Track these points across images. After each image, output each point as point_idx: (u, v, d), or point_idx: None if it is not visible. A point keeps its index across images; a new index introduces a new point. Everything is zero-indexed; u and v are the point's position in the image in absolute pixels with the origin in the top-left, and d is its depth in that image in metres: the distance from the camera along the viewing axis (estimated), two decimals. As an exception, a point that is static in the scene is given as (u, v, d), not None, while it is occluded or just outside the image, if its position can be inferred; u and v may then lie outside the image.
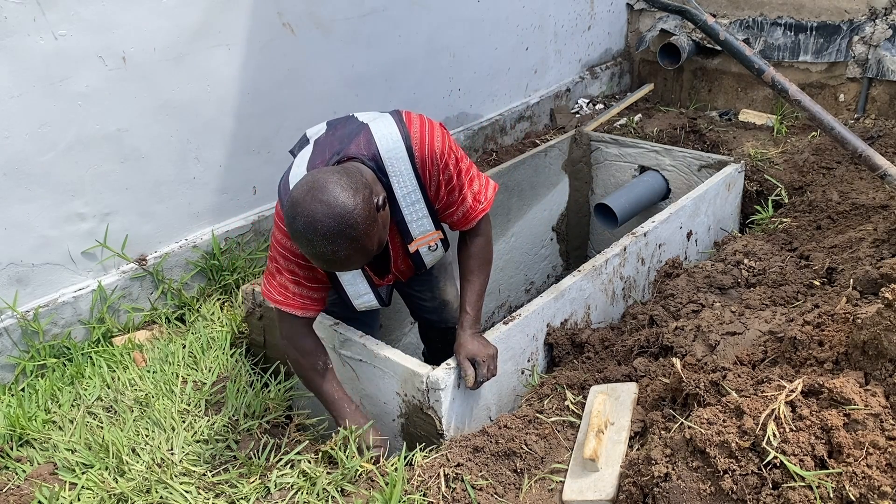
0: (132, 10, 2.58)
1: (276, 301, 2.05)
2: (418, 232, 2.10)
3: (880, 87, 4.20)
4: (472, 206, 2.14)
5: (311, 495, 1.92)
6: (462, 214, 2.13)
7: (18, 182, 2.46)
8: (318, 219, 1.69)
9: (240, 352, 2.63)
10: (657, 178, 3.75)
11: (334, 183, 1.73)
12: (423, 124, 2.01)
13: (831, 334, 1.84)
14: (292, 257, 2.00)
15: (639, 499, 1.65)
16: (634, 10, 5.03)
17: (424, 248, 2.16)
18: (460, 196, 2.10)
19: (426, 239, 2.14)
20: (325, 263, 1.80)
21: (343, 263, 1.79)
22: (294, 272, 2.02)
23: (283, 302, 2.05)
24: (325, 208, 1.69)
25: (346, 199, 1.71)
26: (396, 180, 1.97)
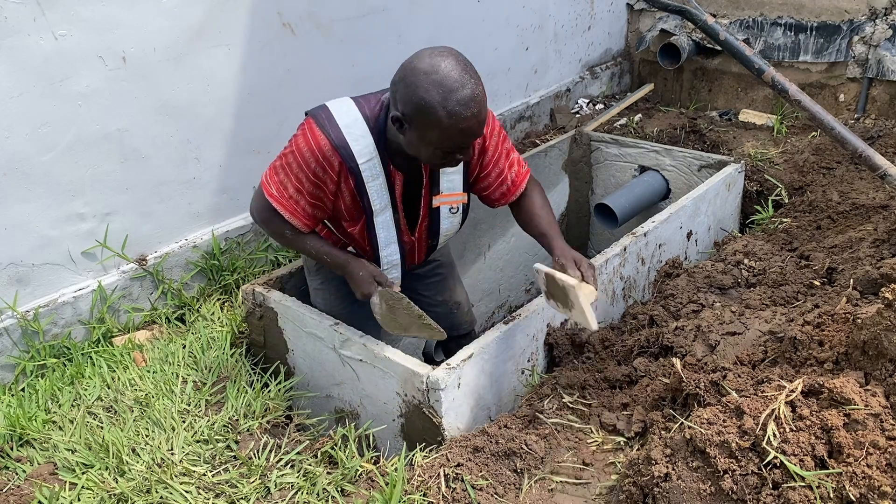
0: (132, 10, 2.58)
1: (271, 195, 2.07)
2: (446, 188, 2.17)
3: (880, 87, 4.20)
4: (519, 170, 2.31)
5: (311, 495, 1.92)
6: (514, 175, 2.28)
7: (18, 182, 2.46)
8: (455, 62, 1.83)
9: (240, 352, 2.63)
10: (657, 178, 3.75)
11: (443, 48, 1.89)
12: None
13: (831, 334, 1.84)
14: (307, 170, 2.01)
15: (639, 499, 1.65)
16: (634, 10, 5.03)
17: (446, 208, 2.22)
18: (508, 161, 2.26)
19: (451, 198, 2.20)
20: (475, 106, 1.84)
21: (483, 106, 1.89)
22: (301, 182, 2.04)
23: (277, 199, 2.07)
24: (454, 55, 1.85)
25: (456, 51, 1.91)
26: None
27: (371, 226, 2.16)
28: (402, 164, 2.11)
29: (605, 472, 1.90)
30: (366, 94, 2.13)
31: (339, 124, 2.02)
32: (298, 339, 2.51)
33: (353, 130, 2.02)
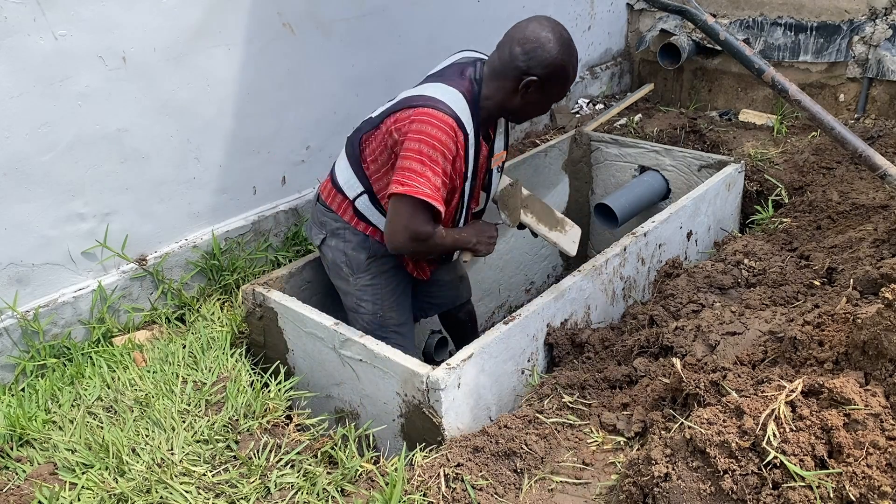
0: (132, 10, 2.58)
1: (428, 196, 2.17)
2: (496, 148, 2.44)
3: (880, 87, 4.20)
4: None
5: (311, 495, 1.92)
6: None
7: (18, 182, 2.46)
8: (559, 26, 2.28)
9: (240, 352, 2.63)
10: (657, 178, 3.75)
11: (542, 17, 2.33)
12: None
13: (831, 334, 1.84)
14: (448, 153, 2.18)
15: (639, 499, 1.65)
16: (634, 10, 5.03)
17: (495, 168, 2.50)
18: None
19: (499, 157, 2.50)
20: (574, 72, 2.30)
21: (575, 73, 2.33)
22: (445, 170, 2.20)
23: (432, 196, 2.18)
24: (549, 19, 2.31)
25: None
26: None
27: (462, 192, 2.38)
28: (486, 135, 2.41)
29: (605, 472, 1.90)
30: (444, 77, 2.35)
31: (447, 102, 2.20)
32: (298, 339, 2.51)
33: (458, 104, 2.22)
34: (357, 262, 2.50)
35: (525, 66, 2.20)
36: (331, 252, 2.53)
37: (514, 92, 2.25)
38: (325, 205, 2.52)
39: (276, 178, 3.23)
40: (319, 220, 2.55)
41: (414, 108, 2.20)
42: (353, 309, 2.57)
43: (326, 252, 2.56)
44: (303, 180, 3.32)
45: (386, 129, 2.27)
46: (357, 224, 2.46)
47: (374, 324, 2.52)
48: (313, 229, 2.60)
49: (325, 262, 2.60)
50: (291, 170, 3.27)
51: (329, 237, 2.52)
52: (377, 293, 2.52)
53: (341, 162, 2.49)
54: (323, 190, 2.55)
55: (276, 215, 3.23)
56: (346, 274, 2.53)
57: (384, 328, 2.52)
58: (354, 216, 2.46)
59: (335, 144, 3.41)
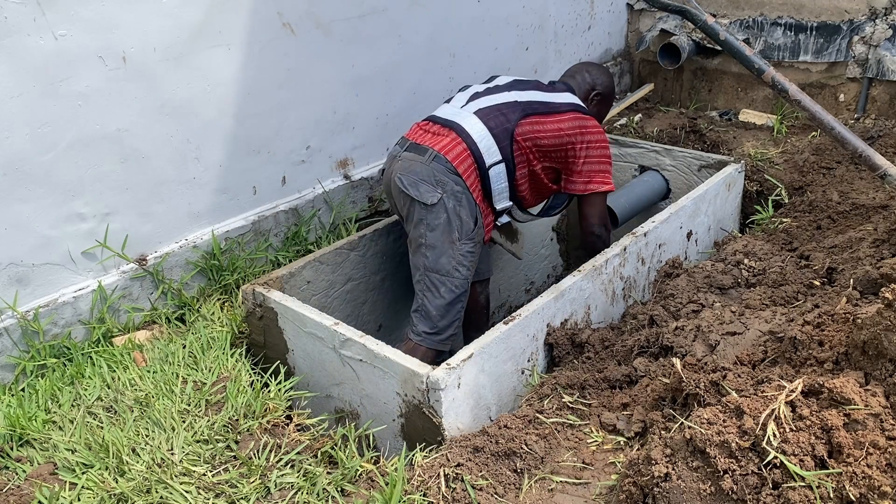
0: (132, 10, 2.58)
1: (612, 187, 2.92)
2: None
3: (880, 87, 4.20)
4: None
5: (311, 495, 1.92)
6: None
7: (18, 182, 2.46)
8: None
9: (240, 352, 2.63)
10: (657, 178, 3.75)
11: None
12: None
13: (831, 334, 1.84)
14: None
15: (639, 499, 1.65)
16: (634, 10, 5.03)
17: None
18: None
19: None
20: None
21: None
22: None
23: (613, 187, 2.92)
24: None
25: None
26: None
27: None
28: None
29: (605, 472, 1.90)
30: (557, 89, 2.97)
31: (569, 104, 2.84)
32: (298, 339, 2.51)
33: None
34: (467, 228, 2.64)
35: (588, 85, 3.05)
36: (445, 212, 2.61)
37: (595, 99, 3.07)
38: (450, 167, 2.64)
39: (276, 178, 3.23)
40: (438, 179, 2.62)
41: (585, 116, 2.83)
42: (447, 272, 2.63)
43: (438, 211, 2.61)
44: (303, 180, 3.32)
45: (559, 130, 2.76)
46: (475, 191, 2.68)
47: (462, 287, 2.65)
48: (423, 186, 2.62)
49: (431, 221, 2.63)
50: (291, 170, 3.27)
51: (447, 197, 2.61)
52: (473, 261, 2.68)
53: (477, 127, 2.69)
54: (449, 151, 2.66)
55: (276, 215, 3.23)
56: (455, 238, 2.63)
57: (466, 293, 2.70)
58: (477, 182, 2.70)
59: (335, 144, 3.41)
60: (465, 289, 2.66)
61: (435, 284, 2.62)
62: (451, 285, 2.63)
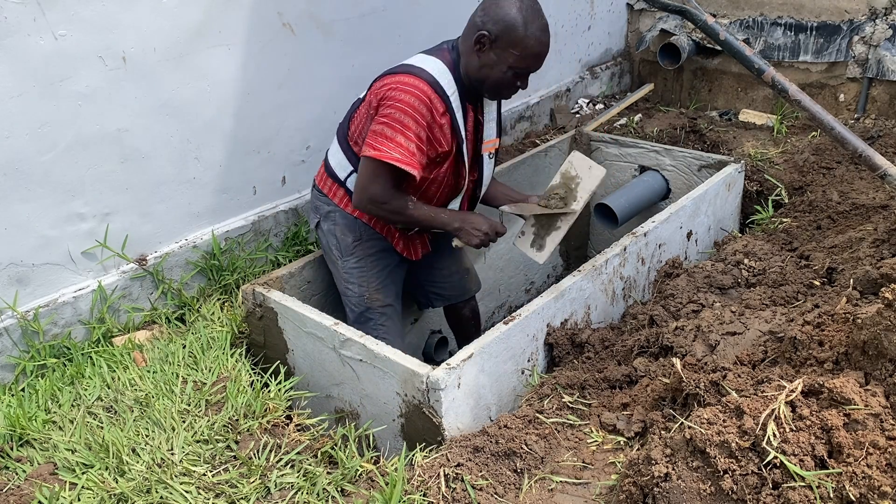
0: (132, 10, 2.58)
1: (397, 160, 2.22)
2: (487, 135, 2.45)
3: (880, 87, 4.20)
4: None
5: (311, 495, 1.92)
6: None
7: (18, 182, 2.46)
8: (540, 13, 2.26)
9: (240, 352, 2.63)
10: (657, 178, 3.75)
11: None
12: None
13: (831, 334, 1.84)
14: (421, 119, 2.23)
15: (639, 499, 1.65)
16: (634, 10, 5.03)
17: (486, 154, 2.50)
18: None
19: (490, 144, 2.49)
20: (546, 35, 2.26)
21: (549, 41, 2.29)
22: (419, 136, 2.24)
23: (403, 160, 2.22)
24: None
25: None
26: None
27: (459, 154, 2.40)
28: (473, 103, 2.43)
29: (605, 472, 1.90)
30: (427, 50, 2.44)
31: (424, 68, 2.29)
32: (298, 339, 2.51)
33: (436, 69, 2.30)
34: (345, 244, 2.58)
35: (480, 21, 2.24)
36: (324, 236, 2.63)
37: (472, 52, 2.28)
38: (318, 189, 2.63)
39: (276, 178, 3.23)
40: (314, 205, 2.66)
41: (391, 74, 2.30)
42: (343, 292, 2.66)
43: (321, 236, 2.66)
44: (303, 180, 3.32)
45: (367, 101, 2.37)
46: (346, 206, 2.54)
47: (360, 305, 2.59)
48: (310, 215, 2.71)
49: (321, 246, 2.69)
50: (291, 170, 3.27)
51: (322, 220, 2.62)
52: (363, 275, 2.58)
53: (333, 146, 2.59)
54: (318, 176, 2.65)
55: (276, 215, 3.23)
56: (336, 257, 2.62)
57: (370, 310, 2.58)
58: (345, 197, 2.54)
59: (335, 144, 3.41)
60: (368, 305, 2.58)
61: (344, 305, 2.67)
62: (349, 304, 2.63)
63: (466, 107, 2.39)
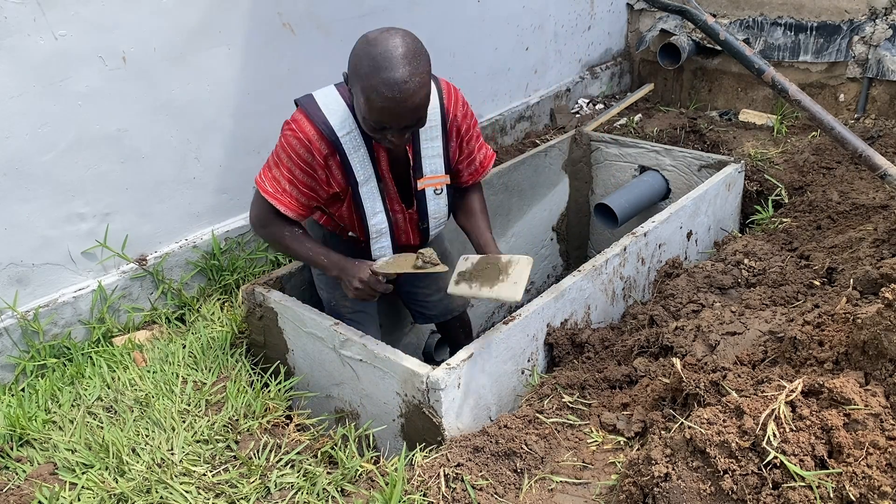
0: (132, 10, 2.58)
1: (266, 192, 2.18)
2: (429, 170, 2.27)
3: (880, 87, 4.20)
4: (487, 153, 2.43)
5: (311, 495, 1.92)
6: (479, 162, 2.39)
7: (18, 182, 2.46)
8: (397, 43, 1.87)
9: (240, 352, 2.63)
10: (657, 178, 3.75)
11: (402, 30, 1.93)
12: (448, 83, 2.26)
13: (831, 334, 1.84)
14: (297, 160, 2.12)
15: (639, 499, 1.65)
16: (634, 10, 5.03)
17: (430, 190, 2.31)
18: (478, 144, 2.37)
19: (434, 180, 2.29)
20: (398, 91, 1.86)
21: (414, 94, 1.88)
22: (293, 174, 2.14)
23: (271, 195, 2.17)
24: (401, 38, 1.89)
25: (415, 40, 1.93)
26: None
27: (357, 196, 2.23)
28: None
29: (605, 472, 1.90)
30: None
31: (318, 103, 2.13)
32: (298, 339, 2.51)
33: (331, 107, 2.13)
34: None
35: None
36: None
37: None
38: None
39: (276, 178, 3.23)
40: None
41: (297, 106, 2.18)
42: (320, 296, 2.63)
43: None
44: (303, 180, 3.32)
45: None
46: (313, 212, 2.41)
47: (332, 311, 2.54)
48: None
49: None
50: (291, 170, 3.27)
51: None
52: (330, 282, 2.51)
53: None
54: None
55: (276, 215, 3.23)
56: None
57: (341, 316, 2.51)
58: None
59: (335, 144, 3.41)
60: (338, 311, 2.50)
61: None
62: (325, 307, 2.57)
63: (374, 146, 2.17)
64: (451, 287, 2.23)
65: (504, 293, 2.13)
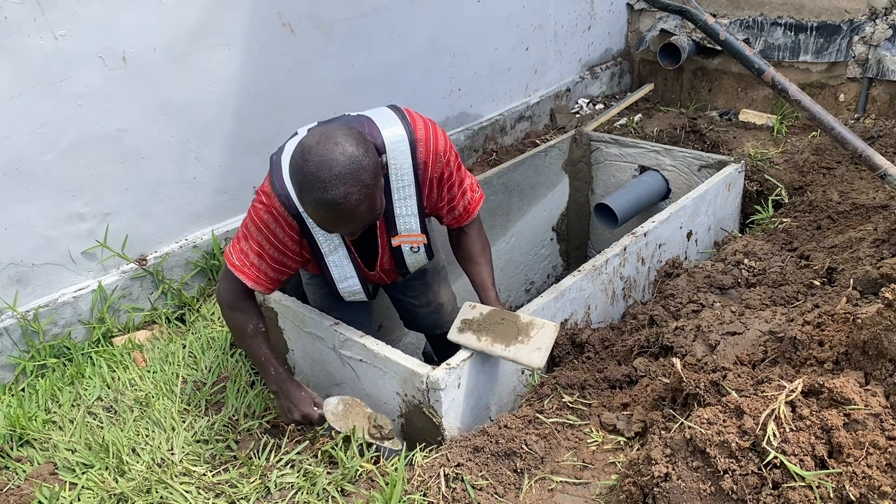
0: (132, 10, 2.58)
1: (233, 265, 2.08)
2: (403, 229, 2.13)
3: (880, 87, 4.20)
4: (472, 198, 2.23)
5: (311, 495, 1.92)
6: (463, 208, 2.22)
7: (18, 182, 2.46)
8: (332, 159, 1.71)
9: (240, 352, 2.63)
10: (657, 178, 3.75)
11: (345, 133, 1.77)
12: (426, 124, 2.05)
13: (831, 334, 1.84)
14: (266, 232, 2.02)
15: (639, 499, 1.65)
16: (634, 10, 5.03)
17: (407, 247, 2.18)
18: (460, 190, 2.18)
19: (410, 238, 2.16)
20: (332, 212, 1.76)
21: (351, 212, 1.77)
22: (262, 247, 2.05)
23: (238, 268, 2.08)
24: (340, 150, 1.73)
25: (358, 146, 1.75)
26: (394, 172, 2.00)
27: (324, 266, 2.16)
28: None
29: (605, 472, 1.90)
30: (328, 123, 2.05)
31: (282, 168, 1.97)
32: (298, 339, 2.51)
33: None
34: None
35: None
36: None
37: None
38: None
39: (276, 178, 3.23)
40: None
41: (270, 167, 2.02)
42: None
43: None
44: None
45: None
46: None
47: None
48: None
49: None
50: (291, 170, 3.27)
51: None
52: (315, 292, 2.49)
53: None
54: None
55: (276, 215, 3.23)
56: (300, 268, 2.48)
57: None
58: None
59: (335, 144, 3.41)
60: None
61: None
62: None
63: None
64: (453, 335, 2.16)
65: (523, 357, 2.05)
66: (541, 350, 2.06)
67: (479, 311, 2.19)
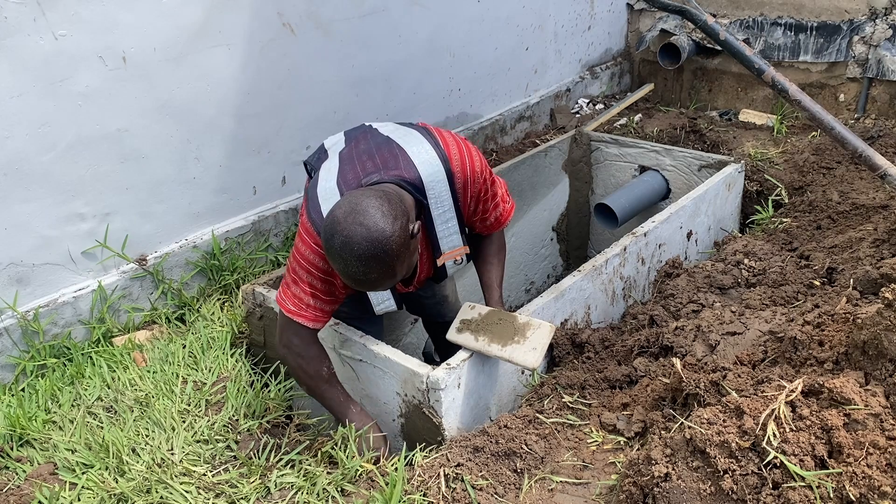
0: (132, 10, 2.58)
1: (290, 311, 2.08)
2: (448, 247, 2.18)
3: (880, 87, 4.20)
4: (504, 209, 2.29)
5: (311, 495, 1.92)
6: (495, 218, 2.27)
7: (18, 182, 2.46)
8: (355, 241, 1.74)
9: (240, 352, 2.63)
10: (657, 178, 3.75)
11: (375, 208, 1.77)
12: (459, 147, 2.09)
13: (831, 334, 1.84)
14: (314, 271, 2.03)
15: (639, 499, 1.65)
16: (634, 10, 5.03)
17: (451, 261, 2.24)
18: (493, 203, 2.24)
19: (454, 253, 2.21)
20: (354, 283, 1.84)
21: (372, 285, 1.86)
22: (313, 286, 2.05)
23: (296, 313, 2.08)
24: (364, 231, 1.74)
25: (385, 226, 1.76)
26: (434, 202, 2.05)
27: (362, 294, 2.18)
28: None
29: (605, 472, 1.90)
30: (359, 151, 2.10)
31: (319, 202, 2.00)
32: (298, 339, 2.51)
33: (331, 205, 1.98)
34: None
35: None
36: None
37: None
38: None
39: (276, 178, 3.23)
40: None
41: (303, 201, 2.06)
42: None
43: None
44: (303, 180, 3.32)
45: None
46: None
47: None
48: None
49: None
50: (291, 170, 3.27)
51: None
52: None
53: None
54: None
55: (276, 215, 3.23)
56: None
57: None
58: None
59: (335, 144, 3.41)
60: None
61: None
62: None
63: None
64: (451, 334, 2.19)
65: (519, 357, 2.09)
66: (536, 350, 2.09)
67: (478, 312, 2.22)
